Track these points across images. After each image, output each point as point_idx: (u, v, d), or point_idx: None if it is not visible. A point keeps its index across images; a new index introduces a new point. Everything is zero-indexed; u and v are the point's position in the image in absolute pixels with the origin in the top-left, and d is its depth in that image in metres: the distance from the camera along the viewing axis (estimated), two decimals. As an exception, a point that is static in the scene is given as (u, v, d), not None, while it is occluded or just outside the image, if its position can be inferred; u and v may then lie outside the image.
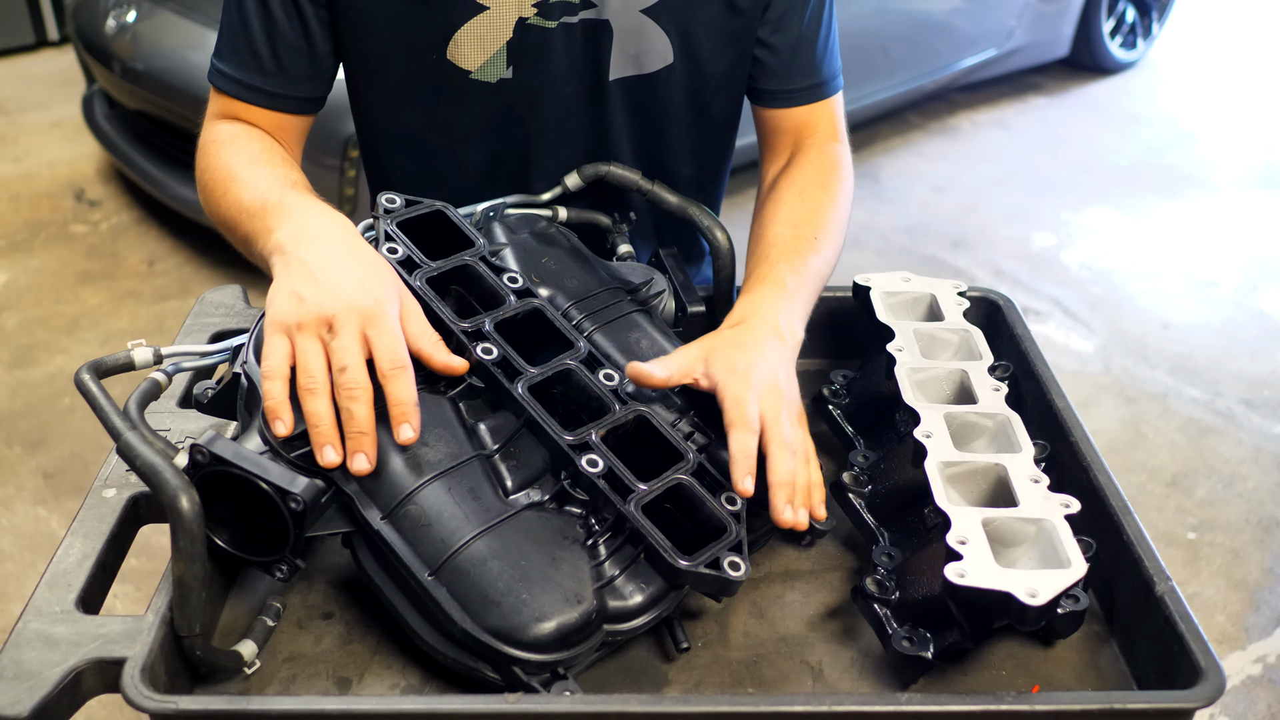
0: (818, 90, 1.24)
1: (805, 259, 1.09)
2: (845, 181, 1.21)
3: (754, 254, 1.11)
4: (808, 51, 1.21)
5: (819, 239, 1.12)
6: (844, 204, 1.19)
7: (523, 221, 1.12)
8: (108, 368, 0.89)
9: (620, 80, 1.17)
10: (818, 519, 0.94)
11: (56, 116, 4.60)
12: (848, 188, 1.21)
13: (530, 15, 1.11)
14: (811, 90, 1.23)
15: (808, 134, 1.25)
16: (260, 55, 1.12)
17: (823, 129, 1.25)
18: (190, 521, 0.78)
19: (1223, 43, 5.96)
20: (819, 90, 1.24)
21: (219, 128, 1.14)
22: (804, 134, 1.25)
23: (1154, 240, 3.94)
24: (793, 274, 1.06)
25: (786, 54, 1.20)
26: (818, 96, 1.24)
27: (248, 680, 0.85)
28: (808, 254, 1.09)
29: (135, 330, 3.23)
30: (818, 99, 1.24)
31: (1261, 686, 2.20)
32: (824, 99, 1.24)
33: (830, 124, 1.25)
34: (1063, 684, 0.87)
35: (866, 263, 3.54)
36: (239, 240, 1.05)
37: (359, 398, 0.84)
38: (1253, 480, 2.77)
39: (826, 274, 1.12)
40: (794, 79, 1.22)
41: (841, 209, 1.18)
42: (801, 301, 1.06)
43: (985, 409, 0.98)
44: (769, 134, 1.27)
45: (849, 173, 1.23)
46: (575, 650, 0.81)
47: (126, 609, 2.22)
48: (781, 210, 1.14)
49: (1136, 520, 0.91)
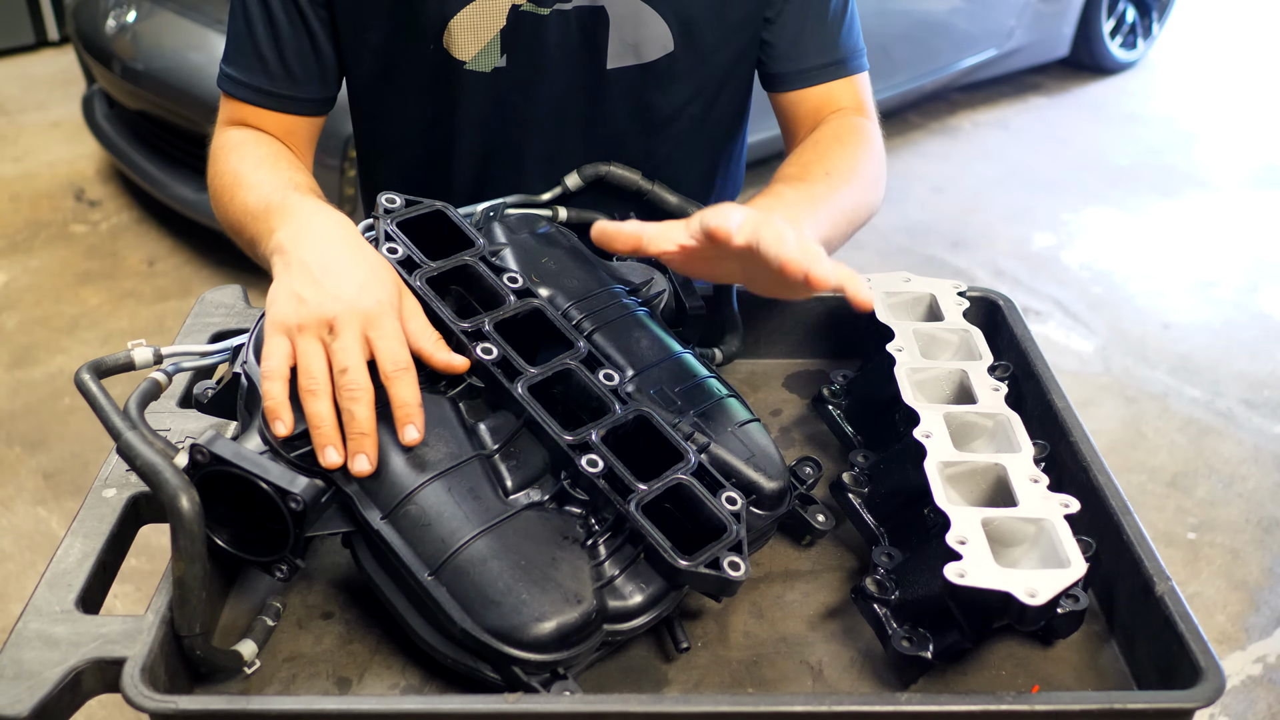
0: (836, 68, 1.18)
1: (811, 185, 1.01)
2: (869, 145, 1.13)
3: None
4: (818, 25, 1.16)
5: (831, 175, 1.04)
6: (866, 157, 1.10)
7: (523, 221, 1.12)
8: (108, 368, 0.89)
9: (619, 69, 1.16)
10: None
11: (56, 116, 4.60)
12: (874, 152, 1.13)
13: (523, 2, 1.10)
14: (828, 68, 1.18)
15: (829, 111, 1.18)
16: (266, 59, 1.13)
17: (848, 104, 1.18)
18: (190, 521, 0.78)
19: (1223, 43, 5.96)
20: (837, 68, 1.18)
21: (228, 134, 1.15)
22: (824, 113, 1.18)
23: (1154, 240, 3.94)
24: (793, 190, 0.99)
25: (795, 30, 1.16)
26: (836, 74, 1.18)
27: (248, 680, 0.86)
28: (814, 181, 1.02)
29: (135, 330, 3.23)
30: (836, 77, 1.18)
31: (1261, 686, 2.20)
32: (844, 77, 1.18)
33: (855, 100, 1.19)
34: (1063, 684, 0.87)
35: (866, 263, 3.54)
36: (245, 243, 1.06)
37: (360, 399, 0.84)
38: (1253, 480, 2.77)
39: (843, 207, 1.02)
40: (807, 57, 1.17)
41: (862, 161, 1.09)
42: (806, 209, 0.97)
43: (985, 409, 0.98)
44: (788, 122, 1.21)
45: (876, 144, 1.15)
46: (575, 650, 0.81)
47: (126, 609, 2.22)
48: (789, 159, 1.08)
49: (1136, 520, 0.91)
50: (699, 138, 1.24)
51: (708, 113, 1.22)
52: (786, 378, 1.24)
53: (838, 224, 1.03)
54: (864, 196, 1.09)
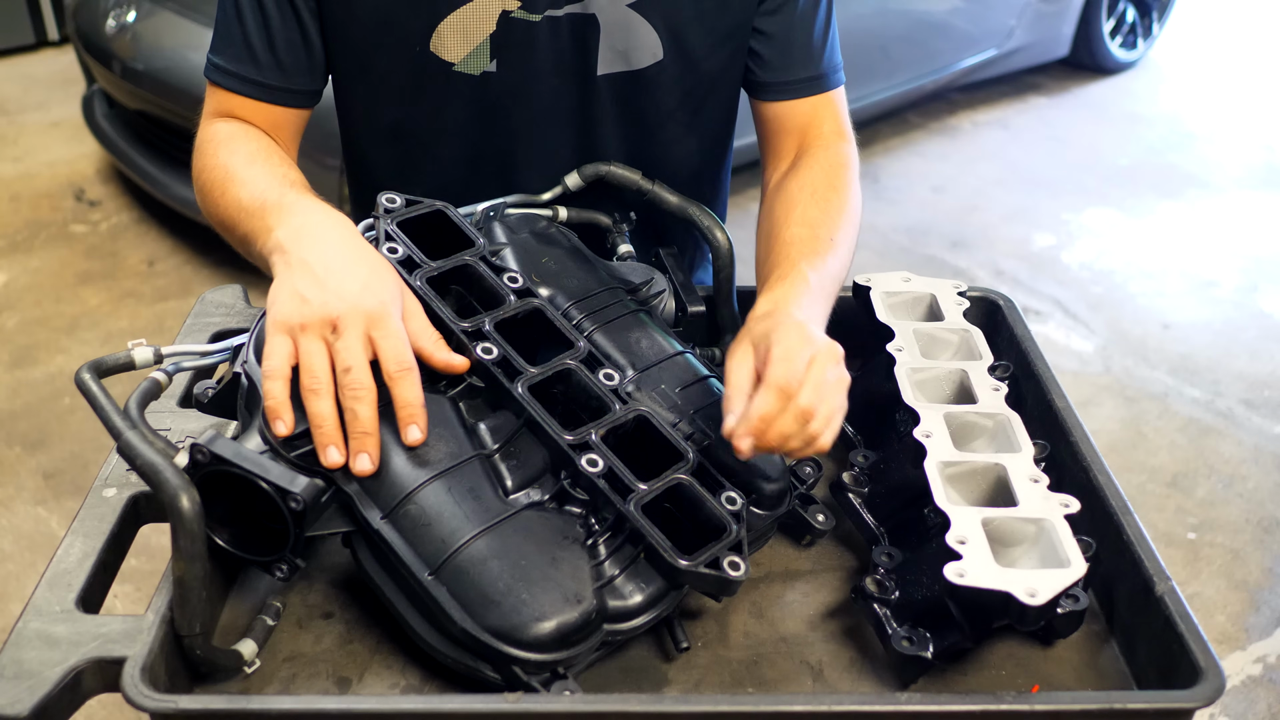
0: (819, 82, 1.21)
1: (824, 259, 1.05)
2: (855, 182, 1.18)
3: (771, 254, 1.08)
4: (806, 41, 1.18)
5: (835, 240, 1.09)
6: (855, 206, 1.16)
7: (523, 221, 1.12)
8: (108, 368, 0.89)
9: (609, 76, 1.16)
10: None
11: (56, 116, 4.60)
12: (857, 189, 1.18)
13: (514, 8, 1.10)
14: (812, 82, 1.21)
15: (813, 133, 1.22)
16: (254, 48, 1.12)
17: (828, 126, 1.22)
18: (190, 521, 0.78)
19: (1223, 43, 5.96)
20: (820, 82, 1.21)
21: (216, 126, 1.14)
22: (809, 133, 1.22)
23: (1154, 240, 3.94)
24: (815, 272, 1.03)
25: (784, 43, 1.18)
26: (819, 89, 1.21)
27: (248, 680, 0.86)
28: (826, 254, 1.06)
29: (135, 330, 3.23)
30: (819, 91, 1.21)
31: (1261, 686, 2.20)
32: (825, 91, 1.21)
33: (835, 121, 1.22)
34: (1063, 684, 0.87)
35: (866, 263, 3.54)
36: (237, 240, 1.05)
37: (363, 398, 0.84)
38: (1253, 480, 2.77)
39: (842, 278, 1.10)
40: (793, 70, 1.20)
41: (854, 211, 1.15)
42: (823, 301, 1.02)
43: (985, 409, 0.98)
44: (772, 133, 1.24)
45: (857, 173, 1.20)
46: (575, 650, 0.81)
47: (126, 609, 2.22)
48: (795, 212, 1.11)
49: (1136, 520, 0.91)
50: (686, 142, 1.25)
51: (695, 118, 1.23)
52: (786, 378, 1.23)
53: (835, 293, 1.07)
54: (853, 245, 1.13)
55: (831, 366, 0.90)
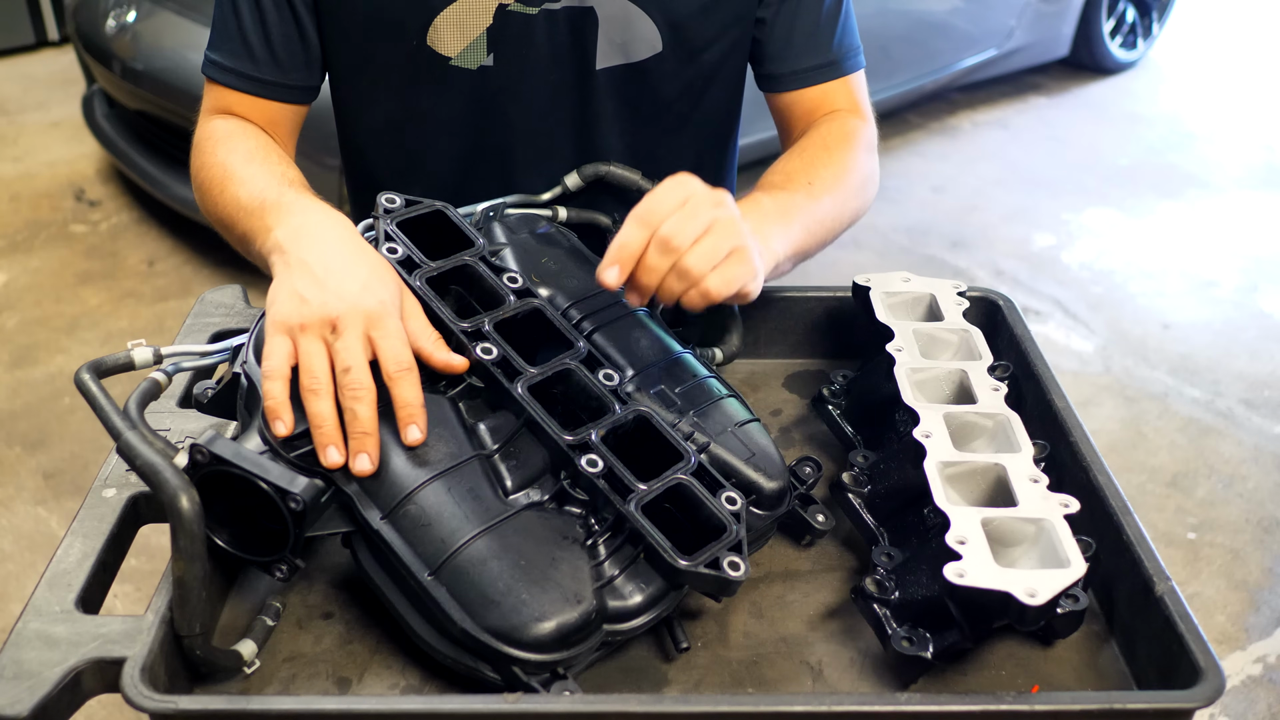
0: (830, 69, 1.18)
1: (791, 194, 1.02)
2: (859, 151, 1.13)
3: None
4: (810, 28, 1.16)
5: (814, 184, 1.05)
6: (853, 167, 1.11)
7: (522, 221, 1.12)
8: (108, 368, 0.89)
9: (608, 69, 1.16)
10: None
11: (56, 116, 4.60)
12: (863, 158, 1.13)
13: (510, 2, 1.10)
14: (822, 69, 1.18)
15: (823, 112, 1.18)
16: (251, 44, 1.12)
17: (841, 105, 1.18)
18: (190, 521, 0.78)
19: (1223, 43, 5.96)
20: (829, 70, 1.18)
21: (214, 123, 1.14)
22: (818, 113, 1.18)
23: (1154, 240, 3.94)
24: (769, 197, 1.00)
25: (787, 31, 1.16)
26: (828, 76, 1.18)
27: (248, 680, 0.85)
28: (795, 190, 1.02)
29: (135, 330, 3.23)
30: (829, 78, 1.18)
31: (1261, 686, 2.20)
32: (839, 78, 1.18)
33: (850, 101, 1.19)
34: (1063, 684, 0.87)
35: (866, 263, 3.54)
36: (236, 238, 1.05)
37: (363, 398, 0.84)
38: (1253, 480, 2.77)
39: (819, 218, 1.04)
40: (800, 59, 1.17)
41: (849, 171, 1.10)
42: (777, 219, 0.98)
43: (985, 409, 0.98)
44: (784, 123, 1.22)
45: (866, 146, 1.15)
46: (575, 650, 0.81)
47: (126, 609, 2.22)
48: (775, 166, 1.09)
49: (1136, 520, 0.91)
50: (686, 134, 1.24)
51: (694, 110, 1.22)
52: (786, 378, 1.24)
53: (814, 233, 1.04)
54: (847, 204, 1.10)
55: (707, 206, 0.89)
